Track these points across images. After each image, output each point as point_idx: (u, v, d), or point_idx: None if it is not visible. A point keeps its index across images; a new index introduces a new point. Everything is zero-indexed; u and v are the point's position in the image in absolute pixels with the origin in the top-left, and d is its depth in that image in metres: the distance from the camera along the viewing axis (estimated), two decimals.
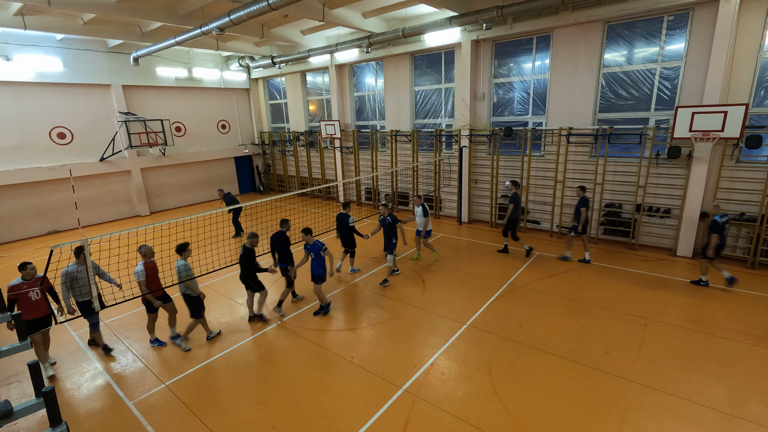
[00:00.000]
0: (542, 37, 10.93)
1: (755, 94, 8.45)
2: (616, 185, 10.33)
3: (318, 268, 7.25)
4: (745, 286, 7.85)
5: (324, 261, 7.26)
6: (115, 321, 7.55)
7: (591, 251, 9.91)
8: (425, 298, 7.92)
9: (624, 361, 5.69)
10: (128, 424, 4.96)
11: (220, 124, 19.08)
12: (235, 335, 6.91)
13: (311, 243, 7.15)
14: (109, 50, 14.76)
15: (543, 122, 11.40)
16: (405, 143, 14.56)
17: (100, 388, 5.67)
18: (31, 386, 2.79)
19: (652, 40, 9.42)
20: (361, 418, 4.84)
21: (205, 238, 10.29)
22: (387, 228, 8.47)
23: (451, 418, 4.77)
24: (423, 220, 9.24)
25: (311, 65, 16.29)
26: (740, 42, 8.28)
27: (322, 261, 7.24)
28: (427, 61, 13.57)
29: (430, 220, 9.35)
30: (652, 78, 9.56)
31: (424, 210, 9.18)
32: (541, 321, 6.87)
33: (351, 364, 5.93)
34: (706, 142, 8.53)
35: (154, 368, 6.06)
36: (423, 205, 9.21)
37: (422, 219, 9.24)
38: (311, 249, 7.19)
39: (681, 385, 5.17)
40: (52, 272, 5.94)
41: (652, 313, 6.98)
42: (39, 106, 13.69)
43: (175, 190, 17.73)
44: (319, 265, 7.24)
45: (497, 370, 5.61)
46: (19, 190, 13.52)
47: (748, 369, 5.45)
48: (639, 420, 4.63)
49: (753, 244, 8.62)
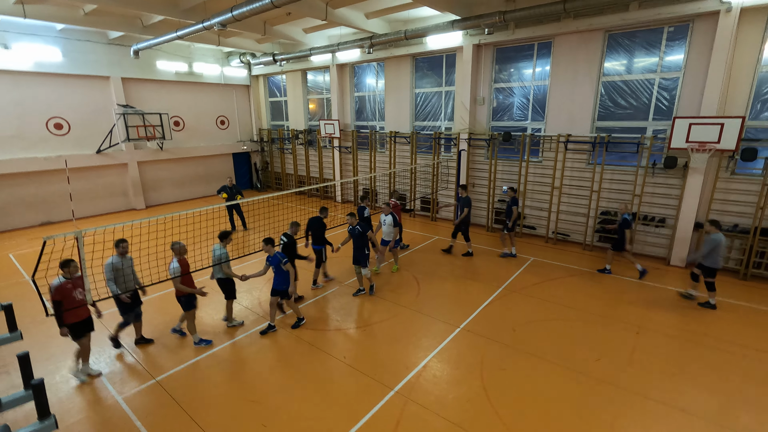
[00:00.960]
0: (543, 44, 10.99)
1: (752, 107, 8.53)
2: (612, 193, 10.39)
3: (281, 282, 6.64)
4: (737, 297, 7.91)
5: (287, 275, 6.61)
6: (107, 314, 7.45)
7: (586, 258, 10.08)
8: (419, 300, 7.92)
9: (615, 368, 5.71)
10: (117, 420, 4.93)
11: (219, 119, 19.01)
12: (227, 333, 6.88)
13: (272, 255, 6.54)
14: (109, 42, 14.68)
15: (542, 128, 11.45)
16: (404, 145, 14.57)
17: (90, 383, 5.62)
18: (20, 378, 2.76)
19: (651, 51, 9.49)
20: (352, 419, 4.82)
21: (200, 234, 10.24)
22: (357, 238, 7.78)
23: (442, 421, 4.77)
24: (392, 230, 8.81)
25: (312, 64, 16.28)
26: (738, 55, 8.36)
27: (285, 275, 6.60)
28: (428, 64, 13.60)
29: (399, 231, 8.90)
30: (650, 88, 9.63)
31: (394, 219, 8.75)
32: (534, 326, 6.89)
33: (343, 364, 5.92)
34: (702, 153, 8.60)
35: (144, 364, 6.01)
36: (393, 214, 8.76)
37: (391, 229, 8.81)
38: (271, 262, 6.59)
39: (671, 394, 5.20)
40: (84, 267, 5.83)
41: (645, 321, 7.02)
42: (36, 95, 13.58)
43: (172, 185, 17.64)
44: (283, 280, 6.62)
45: (489, 374, 5.62)
46: (14, 180, 13.39)
47: (738, 379, 5.49)
48: (628, 427, 4.65)
49: (746, 256, 8.70)
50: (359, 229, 7.73)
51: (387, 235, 8.92)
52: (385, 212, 8.83)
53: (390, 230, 8.83)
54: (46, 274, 6.10)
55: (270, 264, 6.67)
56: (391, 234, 8.86)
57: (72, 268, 5.36)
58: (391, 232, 8.85)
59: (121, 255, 6.09)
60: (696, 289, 7.78)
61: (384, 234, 8.96)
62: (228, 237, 6.73)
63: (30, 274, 9.15)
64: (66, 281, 5.33)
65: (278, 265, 6.52)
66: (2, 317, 3.18)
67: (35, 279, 4.92)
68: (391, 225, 8.75)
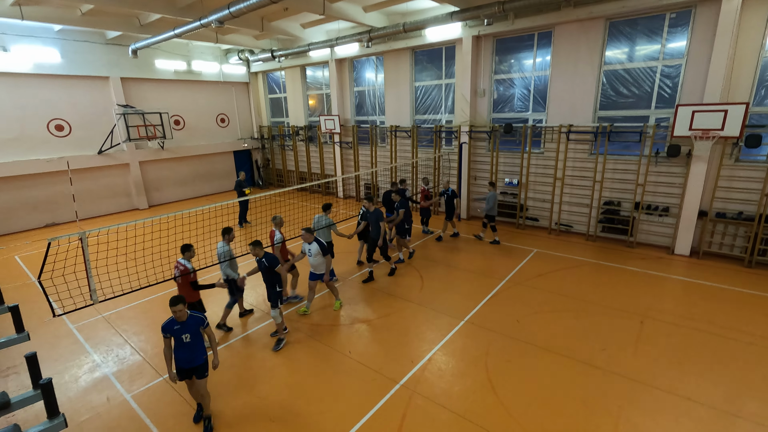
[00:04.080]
0: (543, 34, 10.88)
1: (755, 93, 8.44)
2: (615, 183, 10.33)
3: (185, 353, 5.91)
4: (742, 285, 7.89)
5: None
6: (113, 314, 7.54)
7: (590, 249, 10.11)
8: (423, 294, 7.93)
9: (620, 358, 5.72)
10: (126, 417, 4.98)
11: (219, 117, 18.99)
12: (233, 329, 6.92)
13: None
14: (107, 42, 14.64)
15: (543, 119, 11.38)
16: (405, 139, 14.52)
17: (98, 381, 5.68)
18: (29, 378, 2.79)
19: (653, 38, 9.38)
20: (358, 413, 4.86)
21: (204, 232, 10.27)
22: (265, 272, 6.20)
23: (448, 414, 4.79)
24: (321, 260, 6.95)
25: (311, 59, 16.20)
26: (741, 41, 8.26)
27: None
28: (427, 57, 13.50)
29: (330, 261, 7.03)
30: (653, 76, 9.54)
31: (321, 247, 6.86)
32: (538, 317, 6.90)
33: (348, 359, 5.95)
34: (705, 140, 8.53)
35: (152, 361, 6.06)
36: (318, 241, 6.89)
37: (320, 259, 6.94)
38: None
39: (677, 382, 5.20)
40: None
41: (649, 310, 7.01)
42: (37, 97, 13.59)
43: (174, 184, 17.68)
44: None
45: (494, 366, 5.63)
46: (17, 182, 13.45)
47: (743, 367, 5.49)
48: (635, 416, 4.66)
49: (750, 243, 8.65)
50: (265, 263, 6.13)
51: (315, 267, 7.07)
52: (307, 240, 6.83)
53: (318, 261, 6.96)
54: (52, 275, 6.15)
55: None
56: (321, 266, 7.02)
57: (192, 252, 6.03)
58: (320, 264, 7.00)
59: (228, 242, 6.67)
60: (483, 233, 10.89)
61: (312, 267, 7.11)
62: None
63: (36, 276, 9.24)
64: (184, 266, 5.88)
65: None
66: (9, 318, 3.21)
67: (41, 280, 4.96)
68: (319, 254, 6.88)
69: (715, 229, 9.21)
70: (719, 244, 9.27)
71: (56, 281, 7.09)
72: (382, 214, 8.47)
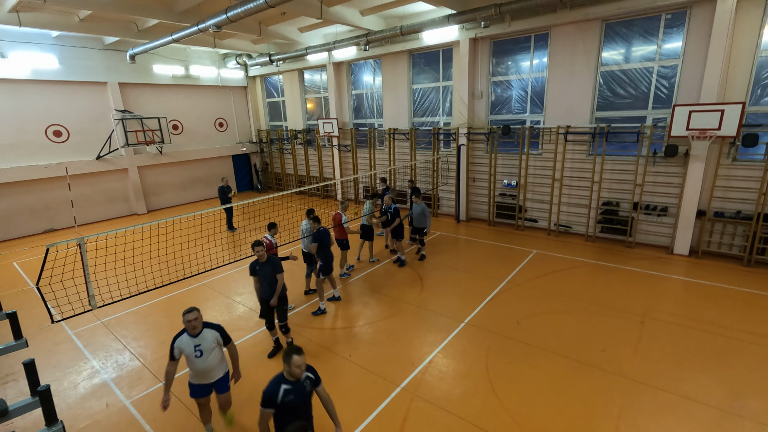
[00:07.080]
0: (540, 36, 10.93)
1: (752, 92, 8.47)
2: (613, 183, 10.35)
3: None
4: (742, 284, 7.89)
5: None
6: (113, 320, 7.51)
7: (589, 249, 10.11)
8: (423, 296, 7.92)
9: (621, 359, 5.71)
10: (126, 423, 4.95)
11: (218, 122, 19.01)
12: (232, 334, 6.89)
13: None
14: (105, 47, 14.66)
15: (541, 120, 11.41)
16: (403, 141, 14.54)
17: (97, 387, 5.65)
18: (27, 385, 2.77)
19: (649, 39, 9.43)
20: (359, 416, 4.84)
21: (202, 236, 10.26)
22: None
23: (449, 416, 4.78)
24: None
25: (309, 63, 16.23)
26: (737, 40, 8.30)
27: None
28: (425, 59, 13.55)
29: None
30: (649, 76, 9.58)
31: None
32: (538, 319, 6.89)
33: (349, 362, 5.93)
34: (703, 140, 8.56)
35: (151, 367, 6.04)
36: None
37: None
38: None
39: (678, 383, 5.19)
40: None
41: (649, 310, 7.01)
42: (35, 103, 13.59)
43: (173, 188, 17.66)
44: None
45: (495, 368, 5.62)
46: (15, 188, 13.42)
47: (744, 366, 5.48)
48: (636, 417, 4.65)
49: (749, 243, 8.66)
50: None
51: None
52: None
53: None
54: (50, 281, 6.13)
55: None
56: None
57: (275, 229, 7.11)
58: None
59: (313, 220, 7.27)
60: (422, 248, 9.94)
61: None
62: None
63: (34, 282, 9.21)
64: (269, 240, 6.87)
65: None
66: (7, 325, 3.19)
67: (39, 286, 4.94)
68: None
69: (714, 228, 9.23)
70: (718, 244, 9.29)
71: (55, 287, 7.06)
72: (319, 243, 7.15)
